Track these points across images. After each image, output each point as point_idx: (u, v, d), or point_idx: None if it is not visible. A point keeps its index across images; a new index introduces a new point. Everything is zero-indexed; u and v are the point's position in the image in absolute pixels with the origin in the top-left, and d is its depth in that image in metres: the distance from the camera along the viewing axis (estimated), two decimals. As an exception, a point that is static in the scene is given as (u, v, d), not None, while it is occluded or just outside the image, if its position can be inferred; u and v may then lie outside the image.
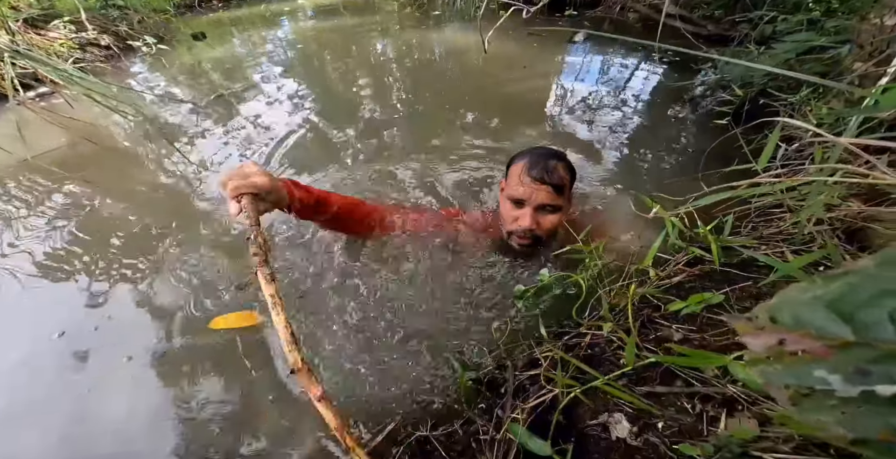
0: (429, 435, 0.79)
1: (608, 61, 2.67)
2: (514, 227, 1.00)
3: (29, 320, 1.17)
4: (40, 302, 1.21)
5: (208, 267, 1.26)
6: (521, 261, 1.11)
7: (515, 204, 1.00)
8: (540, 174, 0.95)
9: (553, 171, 0.96)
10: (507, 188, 1.02)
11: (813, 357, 0.22)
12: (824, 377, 0.21)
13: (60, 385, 1.00)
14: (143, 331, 1.10)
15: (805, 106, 1.41)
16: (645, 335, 0.73)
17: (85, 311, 1.16)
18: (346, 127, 2.02)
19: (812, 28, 1.80)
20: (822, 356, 0.22)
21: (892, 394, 0.20)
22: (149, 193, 1.61)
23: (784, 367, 0.23)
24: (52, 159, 1.74)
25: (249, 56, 3.23)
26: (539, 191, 0.95)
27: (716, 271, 0.79)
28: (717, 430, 0.54)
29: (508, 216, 1.01)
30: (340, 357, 0.99)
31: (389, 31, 3.75)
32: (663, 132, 1.85)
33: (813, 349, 0.22)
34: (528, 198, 0.97)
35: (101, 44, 3.28)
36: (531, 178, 0.95)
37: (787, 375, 0.22)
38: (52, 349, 1.06)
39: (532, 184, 0.95)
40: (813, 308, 0.23)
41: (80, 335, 1.10)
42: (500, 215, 1.06)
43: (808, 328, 0.23)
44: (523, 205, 0.98)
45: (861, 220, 0.77)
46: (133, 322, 1.13)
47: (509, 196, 1.00)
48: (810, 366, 0.22)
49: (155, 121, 2.06)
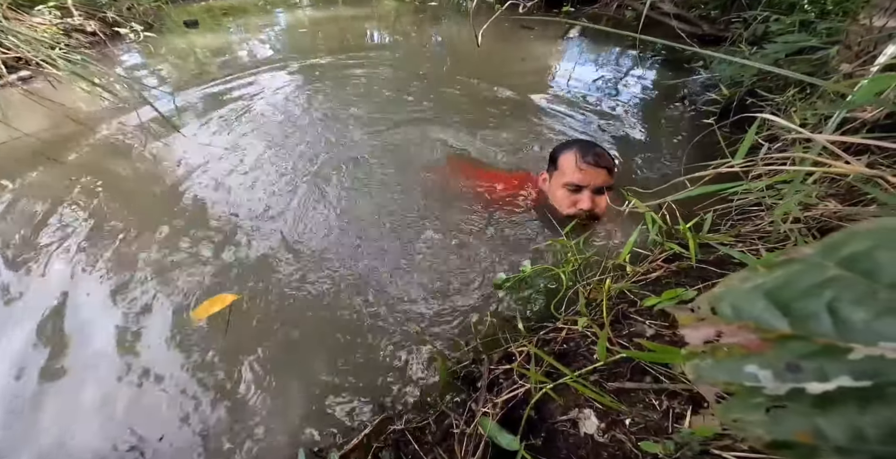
0: (403, 428, 0.78)
1: (602, 58, 2.66)
2: (574, 210, 1.10)
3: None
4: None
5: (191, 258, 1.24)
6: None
7: (573, 190, 1.11)
8: (595, 159, 1.08)
9: (603, 155, 1.10)
10: (563, 177, 1.12)
11: (747, 351, 0.20)
12: (755, 372, 0.20)
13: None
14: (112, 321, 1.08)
15: (791, 107, 1.41)
16: (619, 330, 0.73)
17: (56, 297, 1.14)
18: (336, 119, 2.00)
19: (805, 29, 1.80)
20: (757, 350, 0.20)
21: (822, 392, 0.18)
22: (131, 177, 1.58)
23: (716, 362, 0.21)
24: (34, 142, 1.70)
25: (241, 45, 3.18)
26: (598, 174, 1.08)
27: (693, 268, 0.78)
28: (681, 427, 0.54)
29: (565, 202, 1.12)
30: (321, 343, 0.98)
31: (385, 23, 3.71)
32: (653, 130, 1.85)
33: (748, 343, 0.20)
34: (587, 183, 1.08)
35: (86, 30, 3.20)
36: (588, 163, 1.07)
37: (718, 370, 0.21)
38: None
39: (590, 169, 1.07)
40: (752, 298, 0.21)
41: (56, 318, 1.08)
42: (556, 201, 1.16)
43: (747, 320, 0.21)
44: (581, 190, 1.10)
45: (837, 219, 0.77)
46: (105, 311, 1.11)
47: (566, 183, 1.11)
48: (742, 361, 0.20)
49: (140, 106, 2.02)
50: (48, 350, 1.01)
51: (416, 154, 1.71)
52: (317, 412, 0.87)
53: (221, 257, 1.24)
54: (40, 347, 1.03)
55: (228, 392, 0.92)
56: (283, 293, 1.11)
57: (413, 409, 0.85)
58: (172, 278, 1.17)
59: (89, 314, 1.09)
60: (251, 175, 1.59)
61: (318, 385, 0.92)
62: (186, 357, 0.98)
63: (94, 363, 0.98)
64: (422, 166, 1.61)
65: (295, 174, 1.59)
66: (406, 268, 1.18)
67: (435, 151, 1.73)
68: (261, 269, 1.19)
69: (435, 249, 1.23)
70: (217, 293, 1.11)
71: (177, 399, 0.91)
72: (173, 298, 1.12)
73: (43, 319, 1.08)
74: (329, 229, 1.34)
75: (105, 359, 0.99)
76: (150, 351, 1.00)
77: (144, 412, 0.90)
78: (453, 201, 1.40)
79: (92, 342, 1.03)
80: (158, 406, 0.90)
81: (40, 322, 1.07)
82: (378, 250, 1.24)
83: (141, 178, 1.61)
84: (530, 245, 1.19)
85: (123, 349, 1.01)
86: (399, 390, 0.90)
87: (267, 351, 0.98)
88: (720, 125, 1.08)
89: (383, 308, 1.06)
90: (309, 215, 1.40)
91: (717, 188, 0.72)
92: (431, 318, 1.03)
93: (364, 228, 1.34)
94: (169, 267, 1.21)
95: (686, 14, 3.10)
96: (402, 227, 1.33)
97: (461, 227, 1.29)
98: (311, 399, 0.89)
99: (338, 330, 1.02)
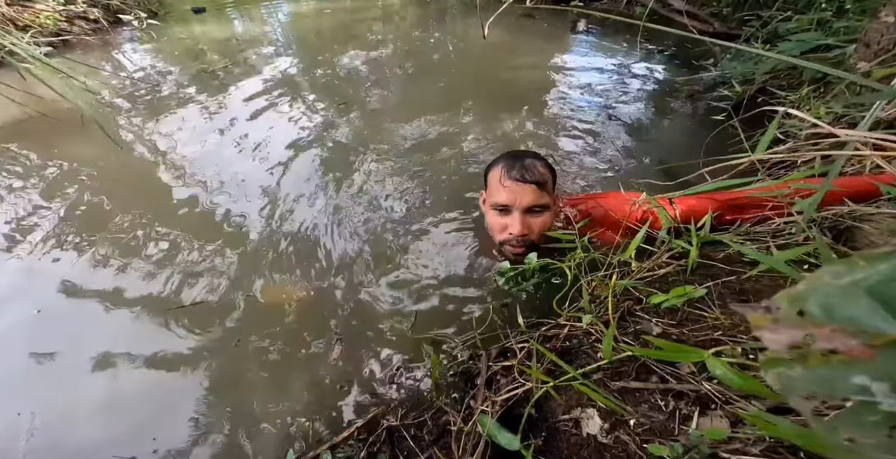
0: (399, 424, 0.77)
1: (610, 53, 2.62)
2: (505, 236, 0.97)
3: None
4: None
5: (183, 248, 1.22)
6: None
7: (501, 212, 0.97)
8: (520, 173, 0.93)
9: (532, 168, 0.94)
10: (490, 197, 0.99)
11: (850, 359, 0.17)
12: (865, 384, 0.16)
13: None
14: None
15: (804, 105, 1.38)
16: (624, 328, 0.71)
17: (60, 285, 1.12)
18: (338, 110, 1.97)
19: (820, 28, 1.77)
20: (863, 358, 0.17)
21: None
22: (105, 166, 1.55)
23: (810, 371, 0.18)
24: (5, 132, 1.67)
25: (243, 33, 3.14)
26: (523, 192, 0.92)
27: (700, 266, 0.76)
28: (688, 429, 0.51)
29: (497, 226, 0.98)
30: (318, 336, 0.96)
31: (390, 14, 3.66)
32: (661, 126, 1.82)
33: (850, 349, 0.17)
34: (513, 202, 0.94)
35: (89, 17, 3.17)
36: (512, 179, 0.93)
37: (814, 381, 0.17)
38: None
39: (514, 185, 0.92)
40: (851, 296, 0.18)
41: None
42: (488, 227, 1.03)
43: (844, 322, 0.18)
44: (510, 211, 0.95)
45: (850, 219, 0.74)
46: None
47: (493, 204, 0.97)
48: (846, 370, 0.17)
49: (129, 96, 1.98)
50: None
51: (423, 145, 1.69)
52: (311, 405, 0.85)
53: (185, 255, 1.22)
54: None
55: (224, 387, 0.90)
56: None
57: (409, 404, 0.83)
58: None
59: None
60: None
61: (314, 379, 0.90)
62: (188, 351, 0.97)
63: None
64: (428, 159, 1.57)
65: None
66: (405, 257, 1.15)
67: (438, 145, 1.71)
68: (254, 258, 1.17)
69: (433, 240, 1.21)
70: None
71: (173, 393, 0.89)
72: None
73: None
74: (318, 216, 1.32)
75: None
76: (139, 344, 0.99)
77: (144, 407, 0.88)
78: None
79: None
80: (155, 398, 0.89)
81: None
82: (373, 244, 1.22)
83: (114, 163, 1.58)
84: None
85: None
86: (394, 385, 0.88)
87: (261, 345, 0.97)
88: (735, 120, 1.03)
89: (379, 298, 1.05)
90: (301, 201, 1.38)
91: (729, 184, 0.70)
92: (430, 311, 1.01)
93: (361, 212, 1.32)
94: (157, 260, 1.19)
95: (697, 11, 3.05)
96: (406, 214, 1.31)
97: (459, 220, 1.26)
98: (305, 393, 0.88)
99: (331, 324, 1.00)
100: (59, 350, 0.97)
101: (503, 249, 1.01)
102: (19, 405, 0.87)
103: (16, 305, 1.07)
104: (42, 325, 1.03)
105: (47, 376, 0.93)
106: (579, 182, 1.45)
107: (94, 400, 0.88)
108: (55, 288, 1.11)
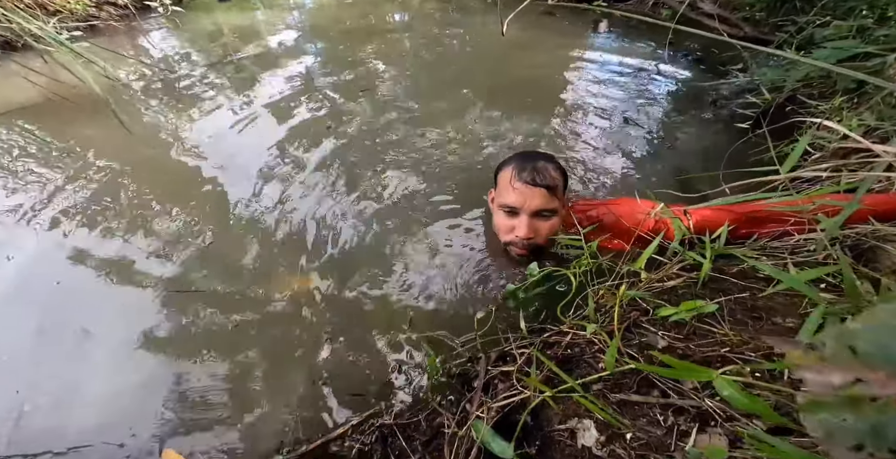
0: (392, 423, 0.76)
1: (633, 54, 2.56)
2: (511, 237, 0.96)
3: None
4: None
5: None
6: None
7: (509, 213, 0.95)
8: (531, 176, 0.91)
9: (543, 172, 0.92)
10: (499, 197, 0.98)
11: None
12: None
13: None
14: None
15: (835, 116, 1.32)
16: (628, 339, 0.69)
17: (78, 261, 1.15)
18: (354, 102, 1.97)
19: (860, 35, 1.69)
20: None
21: None
22: (125, 149, 1.58)
23: (860, 417, 0.16)
24: (27, 115, 1.71)
25: (267, 23, 3.16)
26: (532, 195, 0.91)
27: (712, 279, 0.73)
28: (684, 445, 0.50)
29: (504, 227, 0.97)
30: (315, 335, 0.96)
31: (409, 7, 3.64)
32: (680, 132, 1.76)
33: None
34: (521, 205, 0.92)
35: (118, 3, 3.23)
36: (522, 182, 0.91)
37: (865, 429, 0.15)
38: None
39: (524, 188, 0.91)
40: None
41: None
42: (495, 227, 1.02)
43: None
44: (518, 213, 0.94)
45: (874, 238, 0.71)
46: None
47: (501, 205, 0.96)
48: None
49: (159, 81, 2.02)
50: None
51: (434, 142, 1.68)
52: (304, 401, 0.85)
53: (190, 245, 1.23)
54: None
55: (219, 383, 0.91)
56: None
57: (404, 404, 0.83)
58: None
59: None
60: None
61: (311, 378, 0.89)
62: (183, 345, 0.97)
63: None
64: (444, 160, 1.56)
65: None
66: (408, 259, 1.15)
67: (449, 141, 1.69)
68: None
69: (439, 238, 1.20)
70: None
71: (167, 386, 0.90)
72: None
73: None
74: (326, 209, 1.32)
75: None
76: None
77: (140, 402, 0.89)
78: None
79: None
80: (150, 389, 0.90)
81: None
82: (379, 237, 1.22)
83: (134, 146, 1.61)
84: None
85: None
86: (390, 383, 0.88)
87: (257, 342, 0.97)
88: (764, 129, 0.98)
89: (380, 295, 1.04)
90: (311, 193, 1.38)
91: (751, 198, 0.67)
92: (431, 311, 1.00)
93: (369, 207, 1.32)
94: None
95: (727, 15, 2.95)
96: (410, 216, 1.30)
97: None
98: (301, 392, 0.87)
99: (328, 318, 1.00)
100: (48, 331, 0.98)
101: (508, 249, 1.00)
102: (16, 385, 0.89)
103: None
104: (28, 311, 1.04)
105: (41, 359, 0.94)
106: (590, 187, 1.42)
107: (81, 384, 0.89)
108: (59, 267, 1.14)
